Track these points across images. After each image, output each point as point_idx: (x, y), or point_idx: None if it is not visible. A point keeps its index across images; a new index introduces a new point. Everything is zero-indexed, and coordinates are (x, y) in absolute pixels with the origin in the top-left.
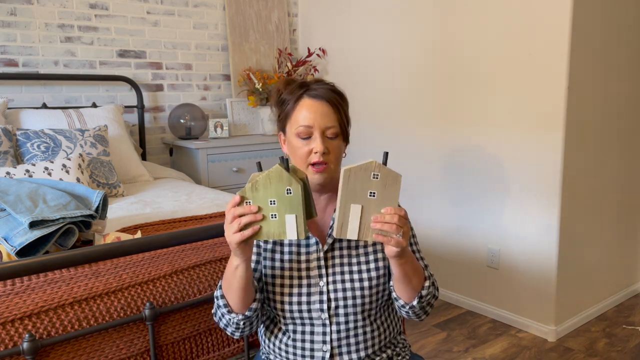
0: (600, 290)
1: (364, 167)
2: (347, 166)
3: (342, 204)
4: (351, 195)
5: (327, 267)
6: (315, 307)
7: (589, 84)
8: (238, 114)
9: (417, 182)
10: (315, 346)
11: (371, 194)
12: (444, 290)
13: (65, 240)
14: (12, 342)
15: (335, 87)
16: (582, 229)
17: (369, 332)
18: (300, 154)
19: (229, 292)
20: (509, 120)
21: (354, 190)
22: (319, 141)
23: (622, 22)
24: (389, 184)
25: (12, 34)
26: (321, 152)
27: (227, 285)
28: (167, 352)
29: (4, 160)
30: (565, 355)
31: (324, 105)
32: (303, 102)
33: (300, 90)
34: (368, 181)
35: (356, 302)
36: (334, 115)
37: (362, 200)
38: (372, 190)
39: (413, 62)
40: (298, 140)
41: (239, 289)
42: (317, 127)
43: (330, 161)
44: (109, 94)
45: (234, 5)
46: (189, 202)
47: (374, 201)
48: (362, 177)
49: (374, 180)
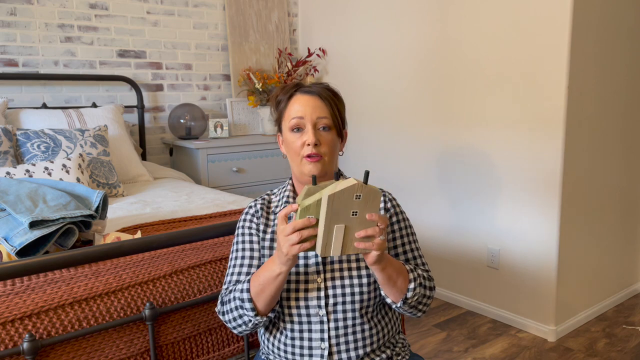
0: (600, 290)
1: (347, 190)
2: (329, 190)
3: (326, 226)
4: (335, 218)
5: (325, 264)
6: (313, 303)
7: (589, 84)
8: (238, 114)
9: (417, 182)
10: (314, 344)
11: (354, 212)
12: (444, 290)
13: (65, 240)
14: (12, 342)
15: (329, 86)
16: (582, 229)
17: (367, 329)
18: (294, 147)
19: (261, 296)
20: (509, 120)
21: (338, 212)
22: (311, 132)
23: (622, 22)
24: (370, 200)
25: (12, 34)
26: (313, 143)
27: (261, 289)
28: (167, 352)
29: (4, 160)
30: (565, 355)
31: (315, 98)
32: (295, 98)
33: (294, 88)
34: (351, 202)
35: (354, 299)
36: (326, 108)
37: (345, 220)
38: (355, 210)
39: (413, 62)
40: (291, 134)
41: (273, 296)
42: (308, 119)
43: (323, 153)
44: (109, 94)
45: (234, 5)
46: (189, 202)
47: (356, 219)
48: (345, 199)
49: (357, 200)
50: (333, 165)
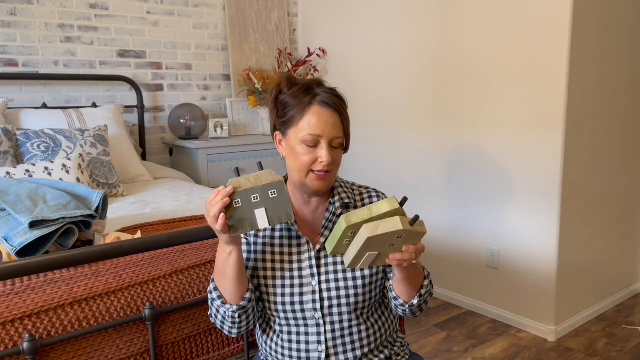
0: (600, 290)
1: (389, 232)
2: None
3: (361, 251)
4: (370, 247)
5: (320, 266)
6: (309, 306)
7: (589, 84)
8: (238, 114)
9: (416, 182)
10: (311, 347)
11: (391, 245)
12: (444, 290)
13: (65, 240)
14: (12, 342)
15: (337, 91)
16: (582, 229)
17: (364, 330)
18: (303, 160)
19: (223, 281)
20: (509, 120)
21: (375, 245)
22: (326, 152)
23: (622, 21)
24: (411, 239)
25: (12, 34)
26: (328, 162)
27: (221, 275)
28: (167, 352)
29: (4, 160)
30: (565, 355)
31: (334, 115)
32: (312, 110)
33: (307, 96)
34: (391, 239)
35: (349, 301)
36: (342, 126)
37: (380, 249)
38: (393, 244)
39: (413, 62)
40: (303, 147)
41: (233, 277)
42: (325, 137)
43: (332, 170)
44: (109, 94)
45: (234, 5)
46: (189, 202)
47: (392, 248)
48: (385, 239)
49: (397, 239)
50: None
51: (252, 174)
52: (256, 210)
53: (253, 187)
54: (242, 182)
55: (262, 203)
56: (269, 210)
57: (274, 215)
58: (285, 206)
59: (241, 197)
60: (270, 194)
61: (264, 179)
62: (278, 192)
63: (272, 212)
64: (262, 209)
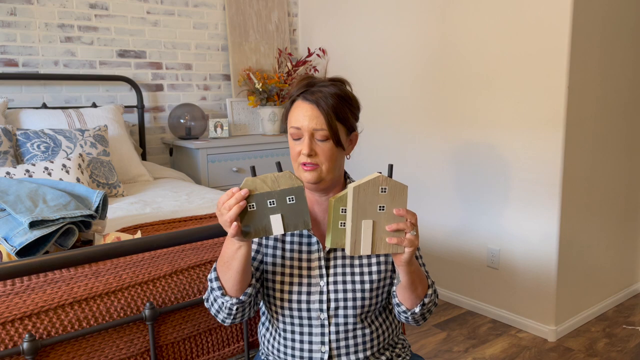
0: (600, 290)
1: (372, 182)
2: (354, 183)
3: (354, 221)
4: (362, 212)
5: (329, 267)
6: (315, 306)
7: (589, 84)
8: (238, 114)
9: (417, 182)
10: (314, 347)
11: (380, 207)
12: (444, 290)
13: (65, 240)
14: (12, 342)
15: (338, 90)
16: (582, 229)
17: (368, 333)
18: (292, 153)
19: (227, 273)
20: (509, 120)
21: (364, 206)
22: (306, 143)
23: (623, 21)
24: (397, 195)
25: (12, 34)
26: (306, 154)
27: (225, 267)
28: (167, 352)
29: (4, 160)
30: (565, 355)
31: (313, 108)
32: (297, 104)
33: (302, 89)
34: (376, 195)
35: (356, 304)
36: (323, 119)
37: (373, 215)
38: (382, 204)
39: (413, 62)
40: (291, 141)
41: (238, 272)
42: (305, 130)
43: (320, 163)
44: (109, 94)
45: (234, 5)
46: (189, 202)
47: (384, 214)
48: (370, 193)
49: (382, 194)
50: (334, 172)
51: (269, 174)
52: (272, 215)
53: (270, 191)
54: (258, 183)
55: (279, 209)
56: (286, 217)
57: (290, 222)
58: (303, 213)
59: (257, 201)
60: (288, 200)
61: (282, 183)
62: (296, 198)
63: (288, 219)
64: (279, 215)
